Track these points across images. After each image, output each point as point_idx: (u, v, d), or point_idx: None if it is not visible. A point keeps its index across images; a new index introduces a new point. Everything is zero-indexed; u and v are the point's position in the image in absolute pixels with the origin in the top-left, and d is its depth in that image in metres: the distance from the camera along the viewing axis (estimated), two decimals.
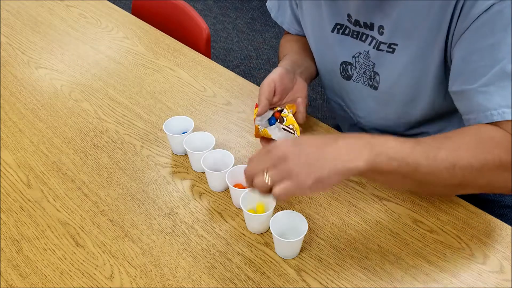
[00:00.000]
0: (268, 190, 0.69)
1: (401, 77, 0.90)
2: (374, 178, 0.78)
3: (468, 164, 0.72)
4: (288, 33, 1.17)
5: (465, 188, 0.76)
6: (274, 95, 0.92)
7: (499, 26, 0.73)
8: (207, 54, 1.43)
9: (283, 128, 0.88)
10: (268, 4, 1.15)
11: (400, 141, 0.72)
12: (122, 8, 1.55)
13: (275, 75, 0.92)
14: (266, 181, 0.68)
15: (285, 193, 0.67)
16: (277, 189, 0.67)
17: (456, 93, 0.81)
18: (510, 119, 0.73)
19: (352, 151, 0.69)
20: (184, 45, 1.33)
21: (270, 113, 0.92)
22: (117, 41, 1.35)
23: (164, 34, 1.38)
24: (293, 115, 0.92)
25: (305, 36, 1.08)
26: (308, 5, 1.01)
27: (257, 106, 0.91)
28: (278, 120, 0.90)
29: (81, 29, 1.41)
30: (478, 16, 0.74)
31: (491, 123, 0.76)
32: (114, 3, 1.60)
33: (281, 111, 0.91)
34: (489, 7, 0.73)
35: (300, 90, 0.97)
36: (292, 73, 0.97)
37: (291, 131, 0.88)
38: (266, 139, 0.93)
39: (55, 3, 1.54)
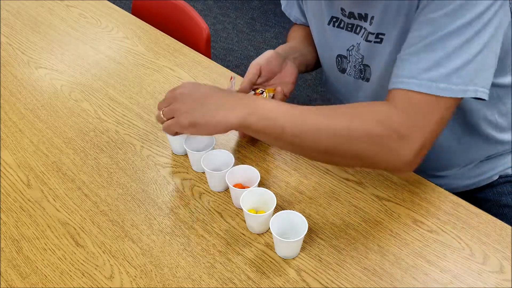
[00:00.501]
0: (163, 123, 0.84)
1: (389, 67, 0.90)
2: (250, 134, 0.83)
3: (333, 130, 0.75)
4: (296, 24, 1.19)
5: (334, 155, 0.78)
6: (259, 76, 0.97)
7: (443, 3, 0.72)
8: (207, 54, 1.43)
9: None
10: None
11: (280, 104, 0.79)
12: (122, 8, 1.55)
13: (263, 58, 0.97)
14: (162, 117, 0.84)
15: (166, 129, 0.83)
16: (164, 125, 0.83)
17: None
18: (413, 89, 0.73)
19: (231, 107, 0.79)
20: (184, 45, 1.33)
21: (252, 92, 0.97)
22: (117, 41, 1.35)
23: (164, 34, 1.38)
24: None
25: None
26: None
27: (231, 78, 0.98)
28: None
29: (81, 29, 1.41)
30: None
31: (390, 97, 0.76)
32: (114, 3, 1.60)
33: (262, 92, 0.96)
34: None
35: (288, 75, 0.99)
36: (283, 57, 1.00)
37: None
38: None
39: (55, 3, 1.54)
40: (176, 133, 0.84)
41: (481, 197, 1.08)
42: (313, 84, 2.61)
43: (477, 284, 0.74)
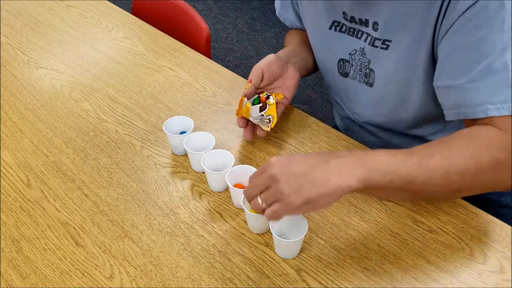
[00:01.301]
0: (263, 211, 0.71)
1: (394, 74, 0.90)
2: (369, 194, 0.79)
3: (463, 169, 0.71)
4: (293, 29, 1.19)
5: (463, 192, 0.76)
6: (261, 80, 0.97)
7: (484, 21, 0.73)
8: (207, 54, 1.43)
9: (262, 115, 0.94)
10: (275, 1, 1.18)
11: (392, 153, 0.72)
12: (122, 8, 1.55)
13: (265, 62, 0.97)
14: (260, 203, 0.71)
15: (273, 216, 0.70)
16: (268, 211, 0.70)
17: (441, 87, 0.82)
18: (493, 115, 0.74)
19: (344, 170, 0.69)
20: (184, 45, 1.33)
21: (255, 96, 0.97)
22: (117, 41, 1.35)
23: (164, 34, 1.38)
24: (276, 104, 0.97)
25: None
26: (307, 3, 1.02)
27: (250, 81, 0.97)
28: (261, 105, 0.94)
29: (81, 29, 1.41)
30: (464, 12, 0.74)
31: (483, 123, 0.76)
32: (114, 3, 1.60)
33: (268, 97, 0.96)
34: (474, 3, 0.73)
35: (290, 78, 1.00)
36: (284, 61, 1.00)
37: (267, 120, 0.94)
38: (243, 120, 0.98)
39: (55, 3, 1.54)
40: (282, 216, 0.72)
41: (482, 197, 1.08)
42: (313, 84, 2.61)
43: (477, 284, 0.74)
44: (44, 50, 1.32)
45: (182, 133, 0.97)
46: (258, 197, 0.71)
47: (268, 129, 0.94)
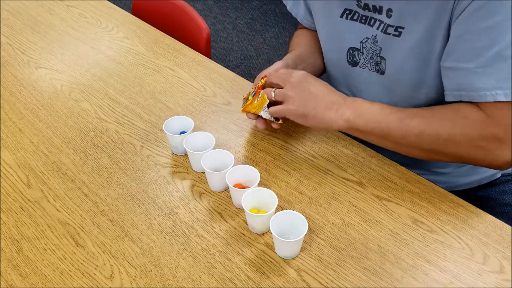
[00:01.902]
0: (271, 100, 0.90)
1: (407, 61, 0.90)
2: (353, 134, 0.90)
3: (435, 133, 0.82)
4: (302, 27, 1.19)
5: (436, 154, 0.85)
6: None
7: (497, 7, 0.74)
8: (207, 54, 1.43)
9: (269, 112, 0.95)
10: None
11: (383, 107, 0.86)
12: (122, 8, 1.55)
13: (271, 69, 0.98)
14: (272, 95, 0.90)
15: (277, 112, 0.89)
16: (273, 108, 0.90)
17: (447, 68, 0.84)
18: (501, 100, 0.77)
19: (340, 109, 0.87)
20: (184, 45, 1.33)
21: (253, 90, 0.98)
22: (117, 41, 1.35)
23: (164, 34, 1.38)
24: None
25: (316, 31, 1.09)
26: None
27: (265, 77, 0.96)
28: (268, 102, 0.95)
29: (81, 29, 1.41)
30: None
31: (474, 104, 0.81)
32: (114, 3, 1.60)
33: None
34: None
35: None
36: (292, 67, 1.00)
37: (273, 119, 0.94)
38: (253, 114, 0.97)
39: (55, 3, 1.54)
40: (282, 118, 0.91)
41: (483, 195, 1.08)
42: None
43: (477, 284, 0.74)
44: (44, 50, 1.32)
45: (182, 133, 0.97)
46: (273, 90, 0.90)
47: (280, 121, 0.94)
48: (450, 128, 0.81)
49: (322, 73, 1.13)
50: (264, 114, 0.93)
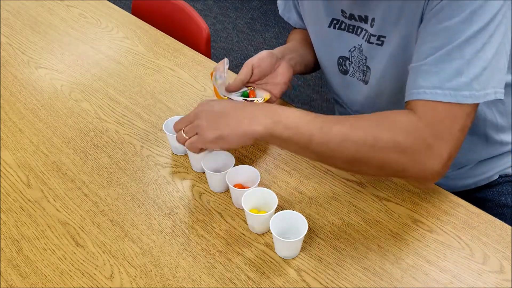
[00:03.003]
0: (184, 143, 0.84)
1: (388, 69, 0.90)
2: (275, 144, 0.84)
3: (360, 139, 0.75)
4: (296, 28, 1.19)
5: (360, 164, 0.78)
6: (251, 76, 0.97)
7: (456, 12, 0.73)
8: (207, 54, 1.43)
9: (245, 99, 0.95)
10: (278, 1, 1.18)
11: (304, 113, 0.79)
12: (122, 8, 1.55)
13: (256, 58, 0.98)
14: (184, 136, 0.83)
15: (190, 145, 0.83)
16: (187, 142, 0.83)
17: (409, 69, 0.81)
18: (439, 100, 0.74)
19: (255, 117, 0.79)
20: (184, 45, 1.33)
21: (245, 88, 0.99)
22: (117, 41, 1.35)
23: (164, 34, 1.38)
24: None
25: None
26: (307, 3, 1.03)
27: (213, 71, 0.97)
28: (249, 99, 0.96)
29: (81, 29, 1.41)
30: (440, 1, 0.74)
31: (407, 110, 0.77)
32: (114, 3, 1.60)
33: (254, 97, 0.97)
34: None
35: (281, 75, 1.00)
36: (277, 57, 1.00)
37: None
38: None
39: (55, 3, 1.54)
40: (200, 150, 0.83)
41: (481, 197, 1.08)
42: (313, 84, 2.61)
43: (477, 284, 0.74)
44: (44, 50, 1.32)
45: None
46: (182, 131, 0.83)
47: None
48: (377, 132, 0.75)
49: (313, 69, 1.13)
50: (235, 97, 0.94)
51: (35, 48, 1.33)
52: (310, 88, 2.59)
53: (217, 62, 1.25)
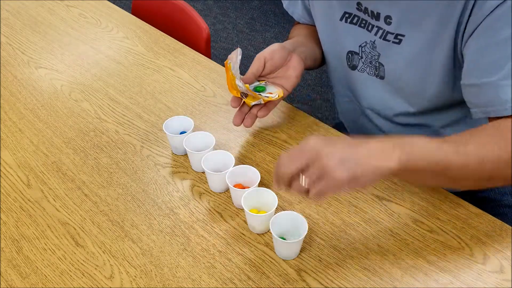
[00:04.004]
0: (305, 193, 0.69)
1: (408, 68, 0.90)
2: (406, 178, 0.80)
3: (496, 157, 0.73)
4: (298, 23, 1.18)
5: (493, 180, 0.77)
6: (263, 69, 0.96)
7: None
8: (207, 54, 1.43)
9: (260, 94, 0.94)
10: None
11: (428, 140, 0.73)
12: (122, 8, 1.55)
13: (268, 51, 0.96)
14: (303, 183, 0.68)
15: (321, 194, 0.68)
16: (313, 191, 0.68)
17: (472, 86, 0.81)
18: None
19: (384, 151, 0.69)
20: (184, 45, 1.33)
21: (257, 83, 0.98)
22: (117, 41, 1.35)
23: (164, 34, 1.38)
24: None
25: (314, 25, 1.09)
26: None
27: (236, 51, 0.95)
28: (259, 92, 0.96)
29: (81, 29, 1.41)
30: (492, 10, 0.74)
31: (508, 117, 0.76)
32: (114, 3, 1.60)
33: (266, 85, 0.98)
34: (502, 2, 0.73)
35: (293, 68, 0.98)
36: (288, 50, 0.99)
37: (258, 101, 0.94)
38: (237, 100, 0.96)
39: (55, 3, 1.54)
40: (327, 195, 0.74)
41: (483, 196, 1.08)
42: (313, 84, 2.61)
43: (477, 284, 0.74)
44: (44, 50, 1.32)
45: (182, 133, 0.97)
46: (300, 177, 0.68)
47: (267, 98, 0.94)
48: (508, 147, 0.73)
49: (320, 65, 1.13)
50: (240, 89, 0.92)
51: (35, 48, 1.33)
52: (310, 88, 2.58)
53: (217, 62, 1.25)
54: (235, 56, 0.93)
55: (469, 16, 0.78)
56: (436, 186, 0.84)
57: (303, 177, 0.67)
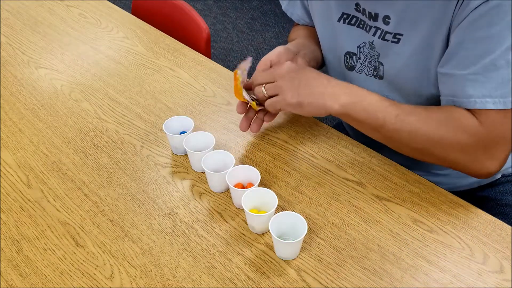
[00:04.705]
0: (262, 100, 0.89)
1: (406, 67, 0.91)
2: (348, 122, 0.88)
3: (427, 134, 0.82)
4: (298, 24, 1.18)
5: (425, 155, 0.86)
6: None
7: (496, 19, 0.75)
8: (207, 54, 1.43)
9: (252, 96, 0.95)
10: None
11: (382, 99, 0.84)
12: (122, 8, 1.55)
13: (273, 53, 0.97)
14: (264, 92, 0.88)
15: (272, 105, 0.88)
16: (268, 101, 0.88)
17: (444, 74, 0.85)
18: (490, 108, 0.79)
19: (335, 93, 0.84)
20: (184, 45, 1.33)
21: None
22: (117, 41, 1.35)
23: (164, 34, 1.38)
24: None
25: (314, 27, 1.09)
26: None
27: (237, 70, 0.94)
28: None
29: (81, 29, 1.41)
30: (477, 7, 0.76)
31: (468, 110, 0.82)
32: (114, 3, 1.60)
33: None
34: (487, 0, 0.75)
35: None
36: (293, 53, 0.99)
37: (250, 101, 0.94)
38: (243, 106, 0.96)
39: (55, 3, 1.54)
40: (279, 110, 0.89)
41: (483, 195, 1.08)
42: None
43: (477, 284, 0.74)
44: (44, 50, 1.32)
45: (182, 133, 0.97)
46: (263, 87, 0.88)
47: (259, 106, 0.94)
48: (444, 131, 0.82)
49: (322, 66, 1.13)
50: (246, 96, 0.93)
51: (35, 48, 1.33)
52: None
53: (217, 62, 1.25)
54: (246, 65, 0.94)
55: (458, 12, 0.79)
56: (376, 139, 0.90)
57: (264, 87, 0.88)
